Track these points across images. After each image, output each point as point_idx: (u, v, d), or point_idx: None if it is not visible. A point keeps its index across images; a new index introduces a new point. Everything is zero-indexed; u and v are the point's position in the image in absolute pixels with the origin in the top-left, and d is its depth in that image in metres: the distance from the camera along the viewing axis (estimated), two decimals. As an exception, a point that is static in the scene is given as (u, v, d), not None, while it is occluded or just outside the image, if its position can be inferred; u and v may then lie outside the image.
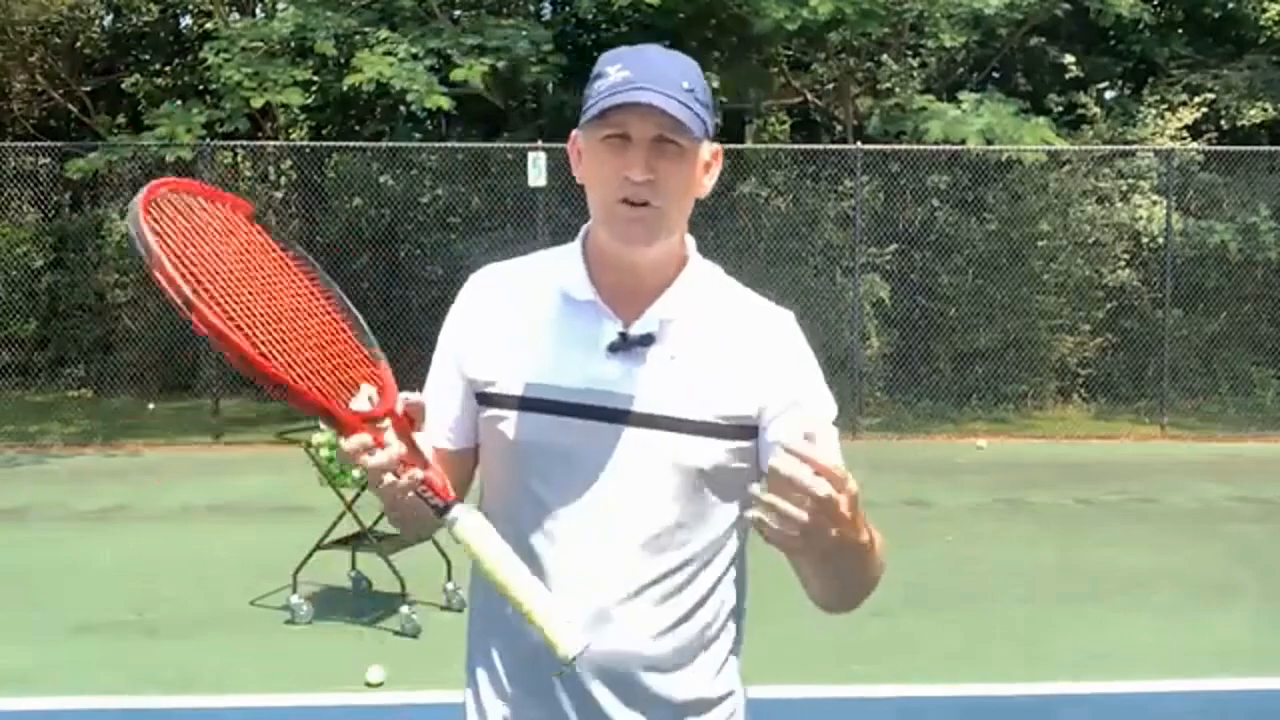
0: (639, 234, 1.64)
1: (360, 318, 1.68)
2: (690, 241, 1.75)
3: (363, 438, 1.49)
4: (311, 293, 1.65)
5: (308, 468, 6.07)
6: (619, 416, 1.64)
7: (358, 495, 5.86)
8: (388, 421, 1.53)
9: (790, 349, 1.73)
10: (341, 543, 6.04)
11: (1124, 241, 13.33)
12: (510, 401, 1.68)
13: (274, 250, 1.64)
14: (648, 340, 1.66)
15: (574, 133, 1.71)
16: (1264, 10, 14.23)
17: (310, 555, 5.94)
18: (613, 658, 1.64)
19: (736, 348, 1.69)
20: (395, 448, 1.50)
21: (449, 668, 5.38)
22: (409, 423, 1.55)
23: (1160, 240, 12.88)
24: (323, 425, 1.59)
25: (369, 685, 4.97)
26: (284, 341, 1.53)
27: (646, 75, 1.59)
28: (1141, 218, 13.11)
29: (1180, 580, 6.72)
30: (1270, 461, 10.79)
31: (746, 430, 1.66)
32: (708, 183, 1.72)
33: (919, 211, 13.31)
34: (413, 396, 1.57)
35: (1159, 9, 15.11)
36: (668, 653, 1.67)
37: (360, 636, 5.67)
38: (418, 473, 1.51)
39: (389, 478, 1.49)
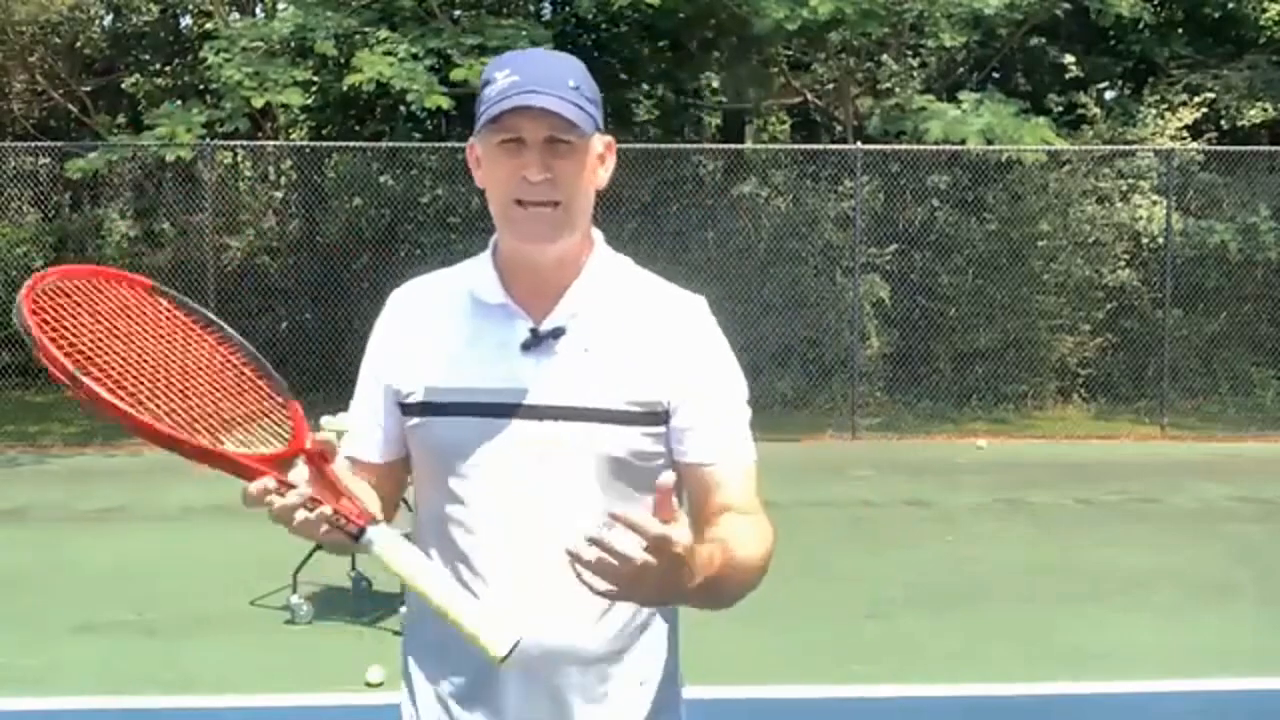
0: (541, 231, 1.68)
1: (267, 365, 1.71)
2: (598, 235, 1.80)
3: (265, 481, 1.53)
4: (215, 350, 1.68)
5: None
6: (536, 412, 1.68)
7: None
8: (299, 461, 1.58)
9: (699, 334, 1.76)
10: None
11: (1124, 241, 13.34)
12: (431, 408, 1.73)
13: (177, 317, 1.68)
14: (558, 334, 1.71)
15: (471, 141, 1.75)
16: (1264, 10, 14.23)
17: (310, 555, 5.93)
18: (548, 650, 1.68)
19: (646, 335, 1.73)
20: (301, 488, 1.53)
21: (449, 668, 5.37)
22: (321, 458, 1.59)
23: (1160, 240, 12.88)
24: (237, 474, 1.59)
25: (369, 685, 4.97)
26: (184, 398, 1.57)
27: (533, 78, 1.64)
28: (1141, 218, 13.11)
29: (1180, 580, 6.72)
30: (1270, 461, 10.79)
31: (658, 416, 1.71)
32: (603, 174, 1.76)
33: (919, 211, 13.31)
34: (319, 435, 1.61)
35: (1159, 9, 15.11)
36: (606, 639, 1.71)
37: (360, 636, 5.67)
38: (326, 508, 1.54)
39: (300, 514, 1.52)
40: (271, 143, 14.32)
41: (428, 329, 1.77)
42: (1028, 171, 13.19)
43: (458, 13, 13.29)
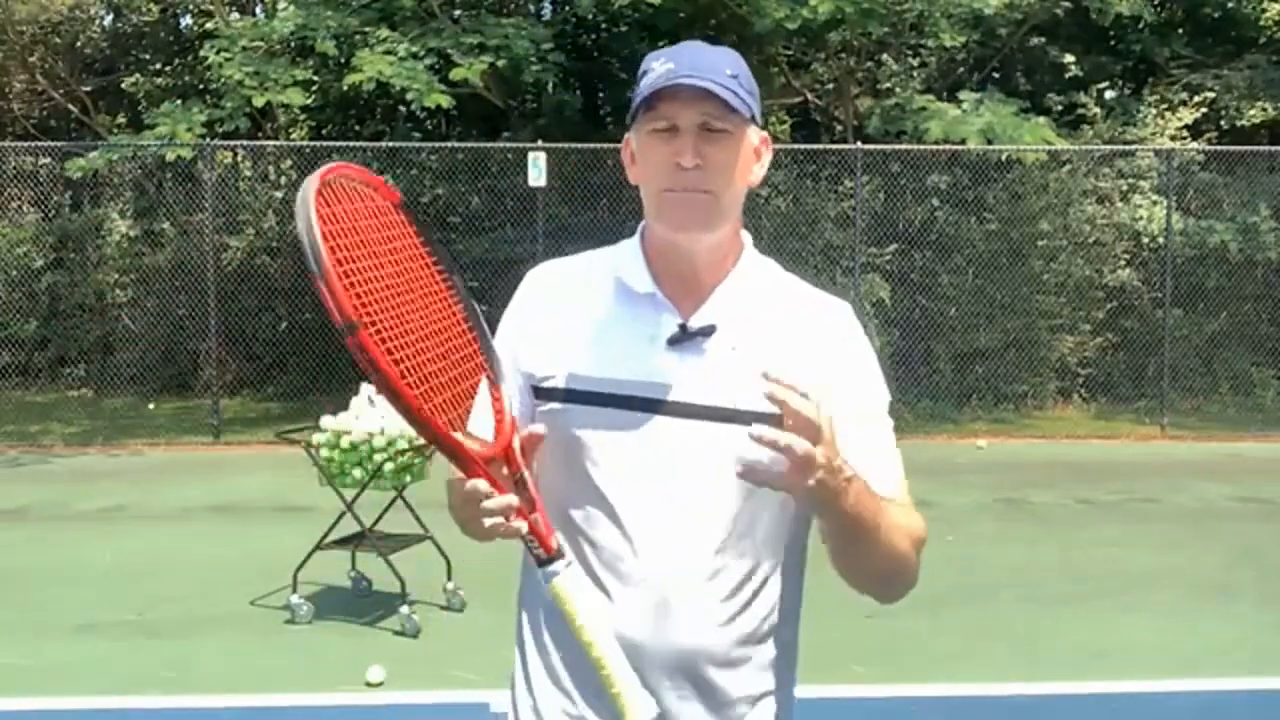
0: (694, 219, 1.65)
1: (487, 331, 1.70)
2: (746, 236, 1.77)
3: (479, 484, 1.49)
4: (449, 304, 1.66)
5: (308, 468, 6.07)
6: (680, 409, 1.64)
7: (358, 495, 5.86)
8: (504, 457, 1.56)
9: (846, 340, 1.73)
10: (341, 543, 6.04)
11: (1124, 241, 13.34)
12: (569, 395, 1.68)
13: (419, 252, 1.65)
14: (708, 332, 1.67)
15: (626, 136, 1.72)
16: (1264, 10, 14.24)
17: (310, 555, 5.94)
18: (677, 650, 1.64)
19: (795, 339, 1.69)
20: (509, 497, 1.51)
21: (449, 668, 5.43)
22: (524, 456, 1.57)
23: (1160, 240, 12.88)
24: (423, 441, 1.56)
25: (369, 685, 4.97)
26: (428, 369, 1.54)
27: (690, 65, 1.61)
28: (1141, 217, 13.12)
29: (1180, 580, 6.72)
30: (1270, 461, 10.79)
31: None
32: (758, 170, 1.72)
33: (919, 211, 13.32)
34: (533, 427, 1.60)
35: (1159, 8, 15.12)
36: (727, 645, 1.67)
37: (360, 636, 5.67)
38: (523, 525, 1.52)
39: (495, 521, 1.51)
40: (271, 143, 14.32)
41: (568, 312, 1.73)
42: (1028, 171, 13.20)
43: (458, 12, 13.28)
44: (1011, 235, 13.26)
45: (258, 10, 15.80)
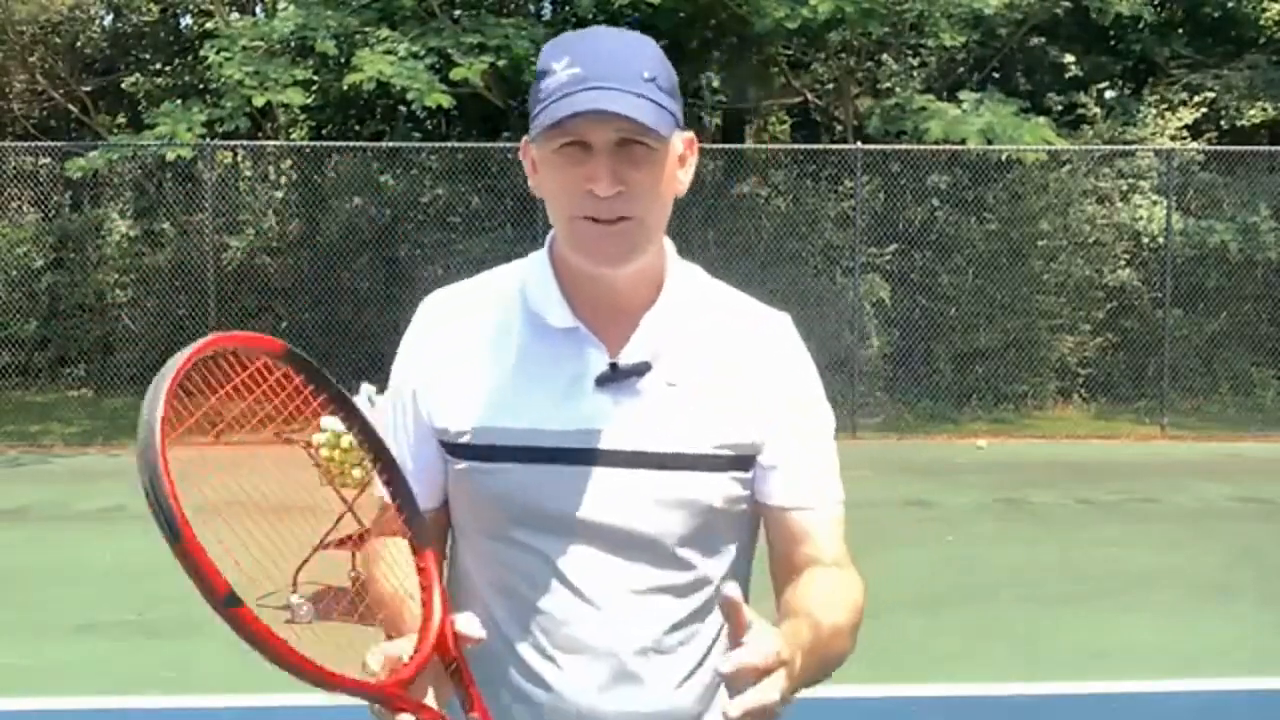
0: (614, 253, 1.43)
1: (405, 480, 1.45)
2: (668, 245, 1.54)
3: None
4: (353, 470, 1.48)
5: (308, 468, 6.07)
6: (617, 459, 1.45)
7: (358, 495, 5.86)
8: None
9: (788, 359, 1.56)
10: (341, 543, 6.03)
11: (1124, 241, 13.34)
12: (488, 452, 1.47)
13: (309, 412, 1.42)
14: (642, 369, 1.46)
15: (525, 140, 1.48)
16: (1264, 10, 14.24)
17: (310, 555, 5.93)
18: (640, 717, 1.49)
19: (735, 365, 1.51)
20: None
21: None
22: (458, 647, 1.35)
23: (1160, 240, 12.88)
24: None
25: (369, 685, 4.96)
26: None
27: (598, 69, 1.36)
28: (1141, 217, 13.12)
29: (1180, 580, 6.72)
30: (1270, 461, 10.79)
31: (748, 460, 1.50)
32: (684, 178, 1.50)
33: (919, 211, 13.32)
34: (469, 629, 1.35)
35: (1159, 8, 15.12)
36: (691, 701, 1.51)
37: (360, 636, 5.66)
38: None
39: None
40: (271, 142, 14.32)
41: (477, 352, 1.51)
42: (1028, 171, 13.20)
43: (458, 12, 13.29)
44: (1011, 235, 13.27)
45: (258, 10, 15.80)
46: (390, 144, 14.16)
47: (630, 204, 1.40)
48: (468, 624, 1.35)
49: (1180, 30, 15.05)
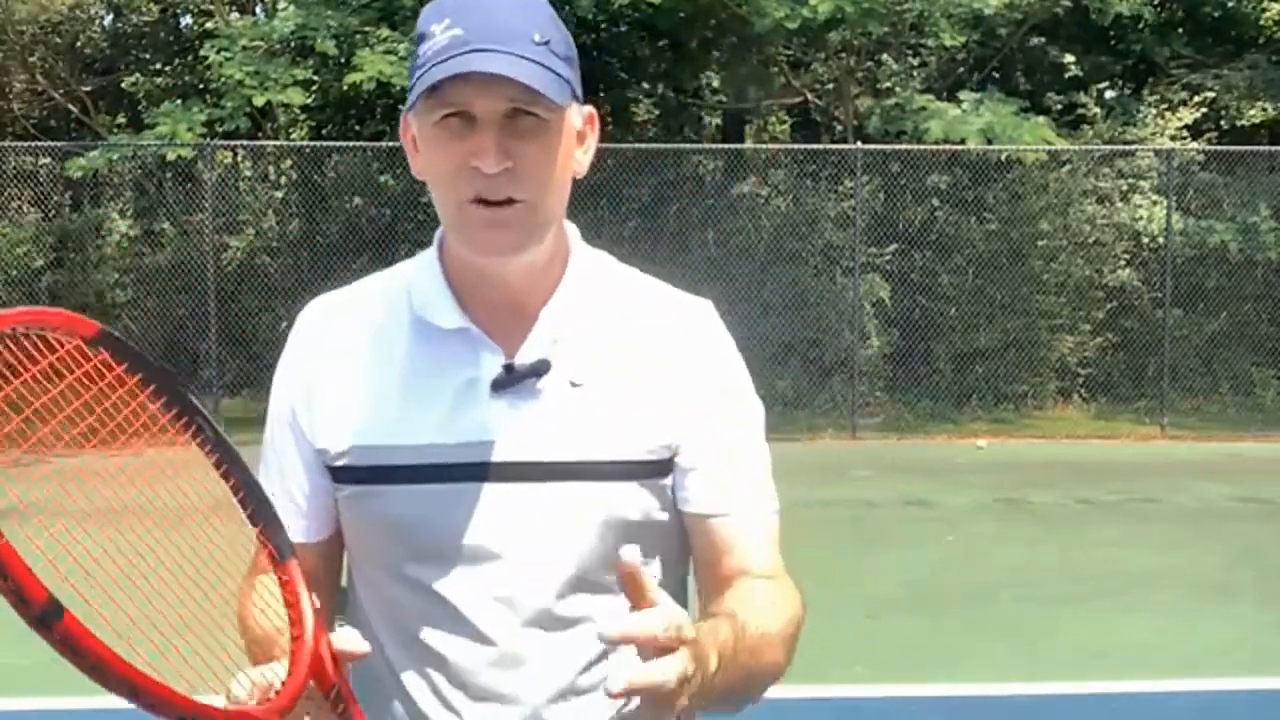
0: (503, 240, 1.27)
1: (257, 485, 1.34)
2: (572, 231, 1.39)
3: None
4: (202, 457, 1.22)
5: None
6: (518, 472, 1.29)
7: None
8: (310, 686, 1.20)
9: (707, 350, 1.39)
10: (341, 543, 6.03)
11: (1124, 241, 13.35)
12: (373, 473, 1.32)
13: (135, 406, 1.23)
14: (541, 369, 1.31)
15: (404, 115, 1.32)
16: (1264, 10, 14.24)
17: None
18: None
19: (646, 360, 1.35)
20: None
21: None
22: (337, 669, 1.19)
23: (1160, 240, 12.88)
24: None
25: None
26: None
27: (483, 31, 1.21)
28: (1141, 217, 13.12)
29: (1180, 580, 6.71)
30: (1270, 461, 10.79)
31: (665, 465, 1.34)
32: (584, 158, 1.35)
33: (919, 211, 13.32)
34: (347, 643, 1.19)
35: (1159, 8, 15.12)
36: None
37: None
38: None
39: None
40: (271, 142, 14.32)
41: (359, 365, 1.35)
42: (1028, 171, 13.20)
43: (458, 12, 13.28)
44: (1011, 235, 13.27)
45: (258, 10, 15.81)
46: (390, 144, 14.13)
47: (520, 184, 1.25)
48: (347, 640, 1.19)
49: (1180, 30, 15.04)
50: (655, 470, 1.33)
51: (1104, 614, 6.06)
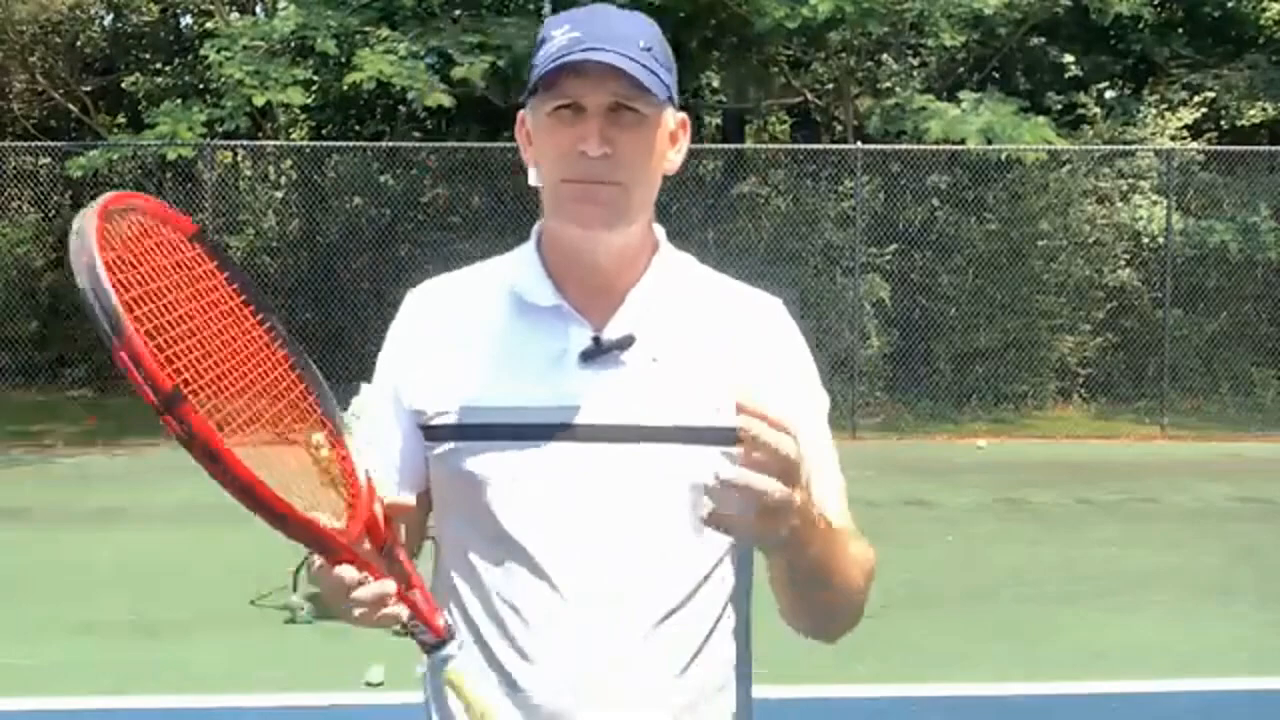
0: (596, 215, 1.41)
1: (319, 377, 1.43)
2: (660, 230, 1.54)
3: (347, 571, 1.28)
4: (270, 352, 1.40)
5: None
6: (601, 433, 1.42)
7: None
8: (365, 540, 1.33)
9: (781, 340, 1.53)
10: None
11: (1124, 241, 13.35)
12: (468, 431, 1.44)
13: (227, 293, 1.38)
14: (626, 343, 1.44)
15: (520, 114, 1.48)
16: (1264, 10, 14.24)
17: (310, 555, 5.93)
18: (632, 709, 1.42)
19: (724, 342, 1.49)
20: (386, 582, 1.31)
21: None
22: (387, 525, 1.34)
23: (1160, 240, 12.89)
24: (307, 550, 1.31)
25: (369, 685, 4.97)
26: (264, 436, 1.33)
27: (597, 35, 1.38)
28: (1141, 217, 13.12)
29: (1180, 580, 6.72)
30: (1270, 461, 10.79)
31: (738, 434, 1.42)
32: (675, 157, 1.49)
33: (919, 211, 13.32)
34: (399, 497, 1.37)
35: (1159, 8, 15.13)
36: (685, 694, 1.45)
37: (360, 636, 5.65)
38: (404, 610, 1.33)
39: (368, 610, 1.31)
40: (271, 142, 14.33)
41: (459, 337, 1.49)
42: (1028, 171, 13.20)
43: (458, 11, 13.29)
44: (1011, 235, 13.27)
45: (258, 10, 15.81)
46: (390, 144, 14.17)
47: (618, 169, 1.40)
48: (395, 496, 1.36)
49: (1180, 30, 15.05)
50: (728, 438, 1.37)
51: (1104, 614, 6.06)
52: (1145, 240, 13.21)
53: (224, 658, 5.40)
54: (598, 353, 1.44)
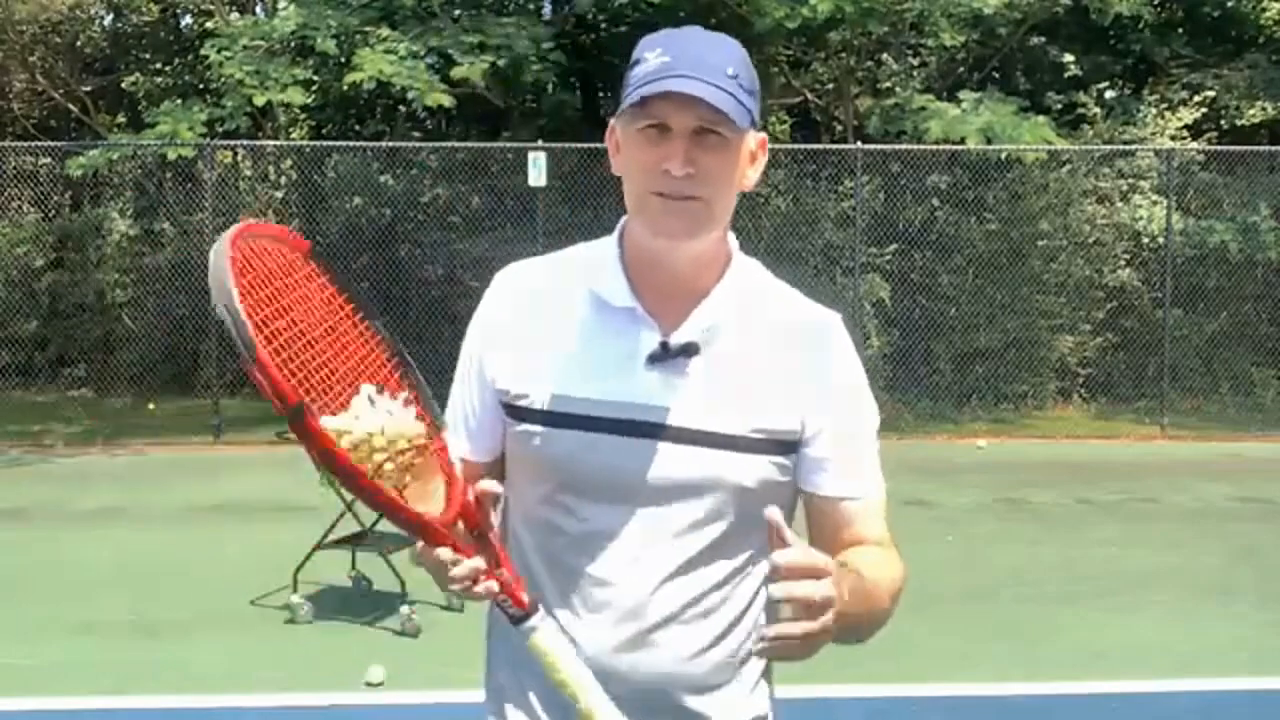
0: (679, 227, 1.54)
1: (422, 380, 1.59)
2: (733, 240, 1.66)
3: (445, 552, 1.44)
4: (376, 356, 1.56)
5: (307, 467, 6.06)
6: (659, 432, 1.56)
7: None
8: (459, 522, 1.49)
9: (836, 357, 1.66)
10: (341, 543, 6.04)
11: (1124, 241, 13.34)
12: (543, 416, 1.60)
13: (338, 304, 1.57)
14: (691, 350, 1.58)
15: (611, 123, 1.61)
16: (1263, 9, 14.24)
17: (310, 555, 5.94)
18: (652, 680, 1.59)
19: (781, 356, 1.61)
20: (476, 560, 1.45)
21: (449, 668, 5.42)
22: (479, 512, 1.49)
23: (1160, 240, 12.88)
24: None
25: (369, 685, 4.97)
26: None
27: (687, 61, 1.49)
28: (1141, 217, 13.11)
29: (1180, 580, 6.72)
30: (1270, 461, 10.79)
31: (789, 445, 1.61)
32: (752, 175, 1.62)
33: (919, 211, 13.31)
34: (486, 484, 1.50)
35: (1159, 8, 15.12)
36: (705, 672, 1.62)
37: (360, 636, 5.67)
38: (494, 584, 1.47)
39: (462, 585, 1.46)
40: (271, 142, 14.32)
41: (541, 325, 1.63)
42: (1028, 171, 13.20)
43: (458, 11, 13.28)
44: (1011, 235, 13.26)
45: (258, 9, 15.81)
46: (390, 144, 14.16)
47: (699, 186, 1.52)
48: (486, 483, 1.48)
49: (1180, 30, 15.04)
50: (775, 448, 1.60)
51: (1104, 614, 6.06)
52: (1145, 240, 13.20)
53: (224, 658, 5.40)
54: (664, 357, 1.57)
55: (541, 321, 1.63)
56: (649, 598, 1.58)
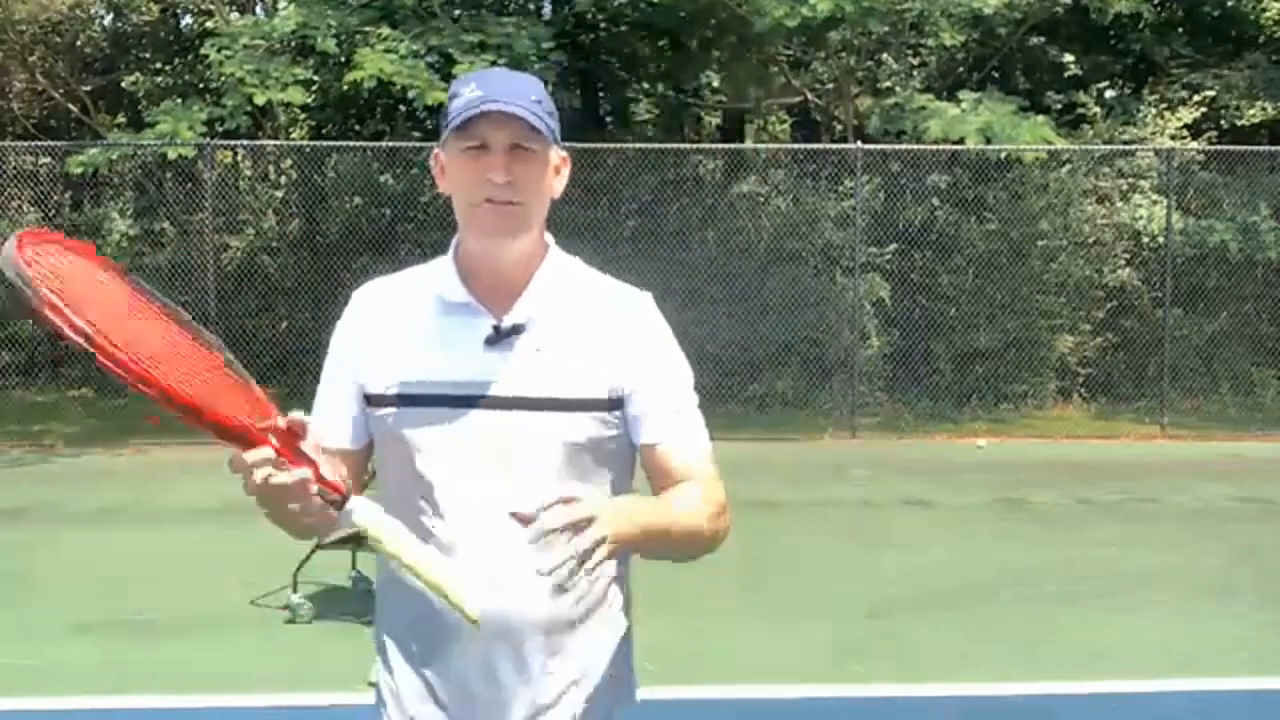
0: (505, 227, 1.83)
1: (223, 346, 1.74)
2: (549, 239, 1.94)
3: (266, 451, 1.59)
4: (176, 329, 1.73)
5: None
6: (500, 402, 1.83)
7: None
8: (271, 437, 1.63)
9: (646, 327, 1.92)
10: (341, 543, 6.03)
11: (1124, 241, 13.34)
12: (397, 399, 1.86)
13: (132, 290, 1.72)
14: (518, 330, 1.85)
15: (435, 150, 1.89)
16: (1264, 9, 14.24)
17: (310, 555, 5.94)
18: (507, 620, 1.82)
19: (598, 329, 1.88)
20: (266, 450, 1.60)
21: (449, 667, 5.38)
22: (293, 435, 1.64)
23: (1160, 240, 12.88)
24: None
25: (369, 685, 4.95)
26: (180, 372, 1.65)
27: (498, 91, 1.80)
28: (1141, 217, 13.12)
29: (1180, 580, 6.72)
30: (1270, 461, 10.79)
31: (611, 402, 1.86)
32: (558, 185, 1.91)
33: (919, 211, 13.31)
34: (295, 414, 1.67)
35: (1159, 8, 15.12)
36: (560, 610, 1.84)
37: (360, 636, 5.65)
38: (305, 471, 1.62)
39: (281, 479, 1.60)
40: (272, 142, 14.31)
41: (393, 325, 1.91)
42: (1027, 171, 13.20)
43: (458, 11, 13.28)
44: (1011, 235, 13.26)
45: (258, 9, 15.80)
46: (390, 144, 14.15)
47: (518, 193, 1.82)
48: (294, 414, 1.65)
49: (1180, 30, 15.04)
50: (604, 406, 1.86)
51: (1104, 614, 6.06)
52: (1145, 240, 13.20)
53: (224, 658, 5.40)
54: (497, 339, 1.85)
55: (394, 323, 1.91)
56: (499, 545, 1.79)
